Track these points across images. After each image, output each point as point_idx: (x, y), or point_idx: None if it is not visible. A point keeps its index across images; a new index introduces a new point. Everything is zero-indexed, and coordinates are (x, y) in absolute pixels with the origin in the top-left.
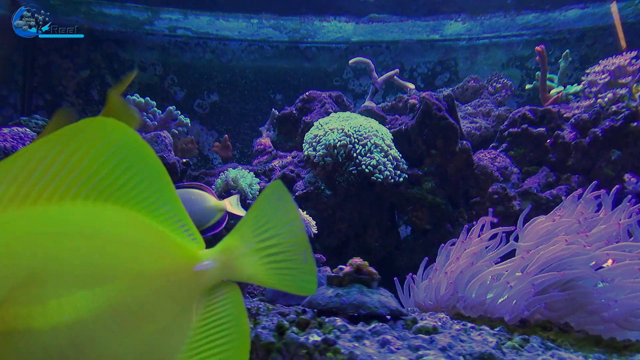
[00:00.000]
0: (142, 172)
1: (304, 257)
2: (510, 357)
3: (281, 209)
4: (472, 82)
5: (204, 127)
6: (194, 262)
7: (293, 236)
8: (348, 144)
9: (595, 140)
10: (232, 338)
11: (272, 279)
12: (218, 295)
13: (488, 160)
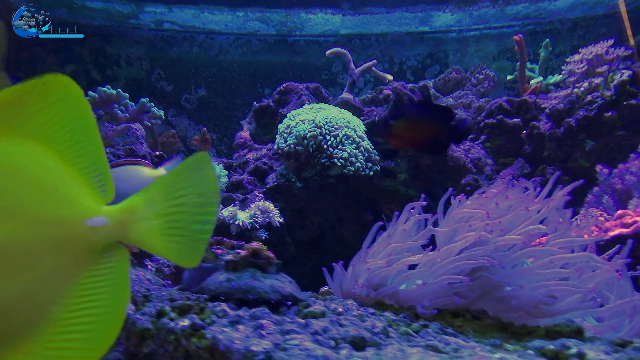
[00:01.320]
0: (69, 118)
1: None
2: (390, 342)
3: (198, 179)
4: (454, 73)
5: (192, 122)
6: (89, 216)
7: (201, 207)
8: (318, 135)
9: (569, 131)
10: (107, 307)
11: (161, 245)
12: (107, 257)
13: (461, 151)
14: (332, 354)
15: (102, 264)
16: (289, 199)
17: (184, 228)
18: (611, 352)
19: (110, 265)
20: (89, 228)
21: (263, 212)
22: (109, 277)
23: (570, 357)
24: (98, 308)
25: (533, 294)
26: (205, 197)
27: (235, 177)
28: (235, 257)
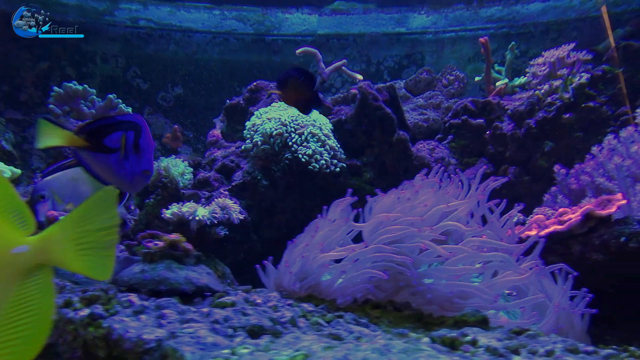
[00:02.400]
0: None
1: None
2: (292, 331)
3: (105, 212)
4: (425, 74)
5: (168, 121)
6: (14, 246)
7: (106, 230)
8: (284, 133)
9: (529, 132)
10: (36, 316)
11: (77, 264)
12: (34, 276)
13: (426, 151)
14: (224, 340)
15: (30, 281)
16: (255, 197)
17: (94, 249)
18: (503, 339)
19: (37, 282)
20: (14, 255)
21: (222, 208)
22: (36, 291)
23: (464, 344)
24: (30, 316)
25: (446, 290)
26: (108, 222)
27: (202, 174)
28: (152, 249)
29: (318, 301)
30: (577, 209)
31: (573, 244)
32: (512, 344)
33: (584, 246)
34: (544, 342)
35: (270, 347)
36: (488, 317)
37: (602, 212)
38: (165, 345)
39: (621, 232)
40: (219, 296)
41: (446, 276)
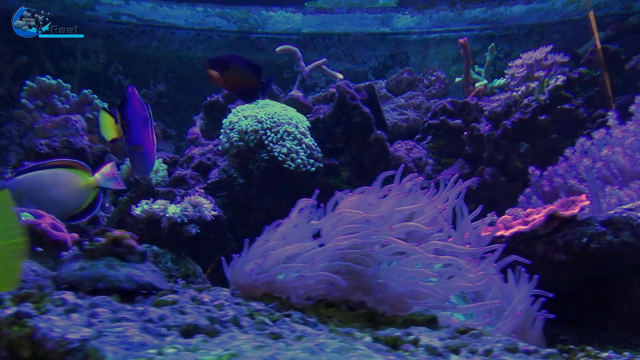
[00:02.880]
0: None
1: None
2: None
3: (4, 221)
4: (406, 74)
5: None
6: None
7: (9, 240)
8: (260, 130)
9: (505, 133)
10: None
11: None
12: None
13: (404, 151)
14: (153, 340)
15: None
16: (230, 195)
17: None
18: (446, 338)
19: None
20: None
21: (194, 206)
22: None
23: (406, 344)
24: None
25: (398, 289)
26: (10, 231)
27: (178, 172)
28: (93, 245)
29: (270, 299)
30: (542, 210)
31: (537, 245)
32: (454, 343)
33: (548, 246)
34: (485, 341)
35: (200, 347)
36: (437, 316)
37: (565, 213)
38: (89, 346)
39: (583, 232)
40: (162, 294)
41: (399, 276)
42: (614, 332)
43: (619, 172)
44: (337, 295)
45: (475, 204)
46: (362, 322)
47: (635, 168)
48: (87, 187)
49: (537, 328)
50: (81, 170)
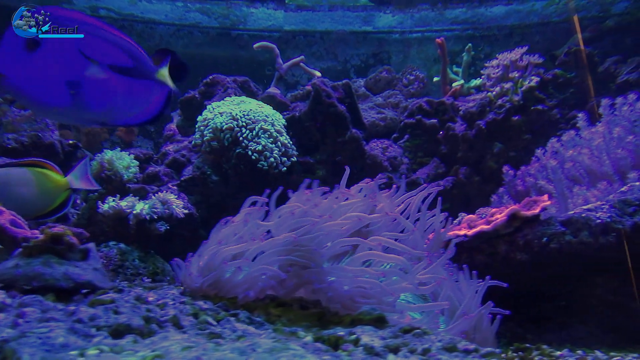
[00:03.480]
0: None
1: None
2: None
3: None
4: (385, 73)
5: None
6: None
7: None
8: (235, 128)
9: (479, 133)
10: None
11: None
12: None
13: (379, 150)
14: (79, 341)
15: None
16: (204, 192)
17: None
18: (388, 338)
19: None
20: None
21: (163, 203)
22: None
23: (346, 343)
24: None
25: (347, 288)
26: None
27: (152, 169)
28: (30, 242)
29: (218, 299)
30: (504, 209)
31: (499, 244)
32: (394, 343)
33: (510, 246)
34: (426, 340)
35: (127, 348)
36: (385, 315)
37: (526, 213)
38: (7, 347)
39: (544, 232)
40: (102, 293)
41: (349, 275)
42: (574, 330)
43: (585, 173)
44: (282, 293)
45: (449, 203)
46: (311, 322)
47: (602, 169)
48: (57, 188)
49: (489, 327)
50: (53, 171)
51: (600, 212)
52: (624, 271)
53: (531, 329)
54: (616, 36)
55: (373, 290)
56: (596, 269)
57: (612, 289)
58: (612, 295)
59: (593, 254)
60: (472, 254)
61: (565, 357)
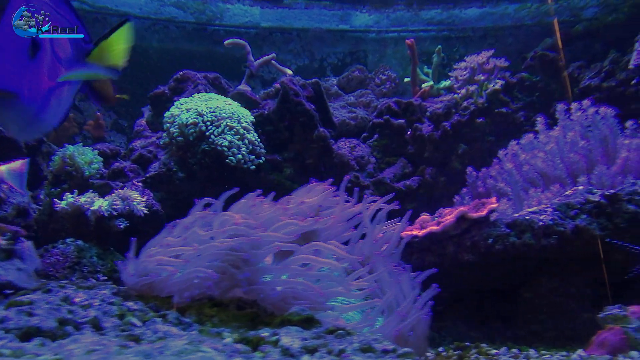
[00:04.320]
0: None
1: None
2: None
3: None
4: (357, 72)
5: (101, 108)
6: None
7: None
8: (200, 124)
9: (445, 134)
10: None
11: None
12: None
13: (347, 149)
14: None
15: None
16: (169, 189)
17: None
18: (310, 339)
19: None
20: None
21: (123, 199)
22: None
23: (266, 344)
24: None
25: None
26: None
27: (117, 165)
28: None
29: (152, 299)
30: (454, 211)
31: (448, 245)
32: (314, 344)
33: (458, 247)
34: (346, 341)
35: (29, 352)
36: (314, 316)
37: (473, 215)
38: None
39: (489, 234)
40: (22, 294)
41: (284, 276)
42: (518, 329)
43: (539, 176)
44: (218, 294)
45: (416, 203)
46: (244, 322)
47: (555, 172)
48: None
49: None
50: None
51: (543, 215)
52: (566, 272)
53: (478, 327)
54: (586, 41)
55: (305, 292)
56: (540, 270)
57: (554, 289)
58: (554, 295)
59: (536, 255)
60: (422, 255)
61: (500, 355)
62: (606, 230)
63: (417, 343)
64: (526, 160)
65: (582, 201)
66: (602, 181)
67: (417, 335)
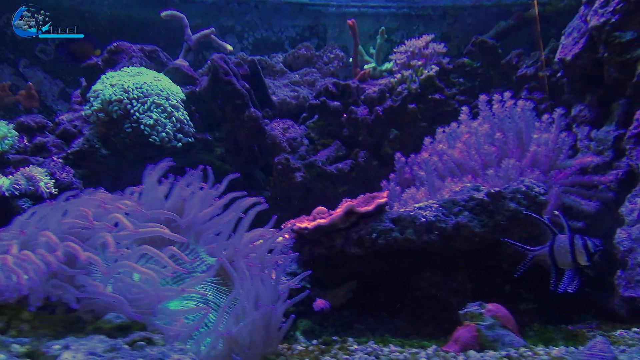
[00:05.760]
0: None
1: None
2: None
3: None
4: (303, 50)
5: (48, 76)
6: None
7: None
8: (125, 100)
9: (377, 118)
10: None
11: None
12: None
13: (279, 130)
14: None
15: None
16: (92, 167)
17: None
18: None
19: None
20: None
21: (28, 179)
22: None
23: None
24: None
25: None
26: None
27: (39, 139)
28: None
29: None
30: (344, 204)
31: (336, 238)
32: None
33: (345, 240)
34: (138, 354)
35: None
36: (129, 324)
37: (360, 209)
38: None
39: (374, 228)
40: None
41: (108, 283)
42: (400, 321)
43: (455, 166)
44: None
45: (348, 186)
46: (61, 328)
47: (470, 163)
48: None
49: (276, 325)
50: None
51: (428, 211)
52: (449, 267)
53: (364, 319)
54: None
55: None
56: (422, 265)
57: (437, 283)
58: (435, 289)
59: (417, 251)
60: (313, 247)
61: (358, 352)
62: (486, 227)
63: (269, 342)
64: (443, 151)
65: (467, 198)
66: (508, 174)
67: (270, 333)
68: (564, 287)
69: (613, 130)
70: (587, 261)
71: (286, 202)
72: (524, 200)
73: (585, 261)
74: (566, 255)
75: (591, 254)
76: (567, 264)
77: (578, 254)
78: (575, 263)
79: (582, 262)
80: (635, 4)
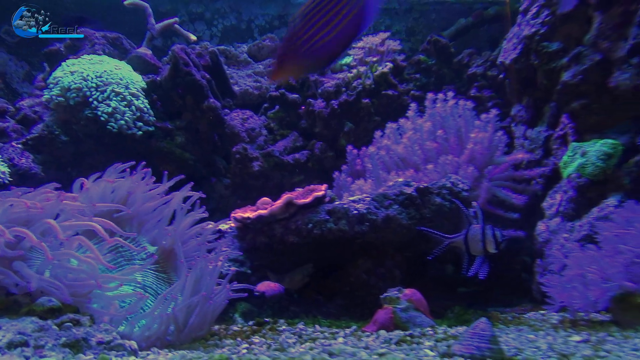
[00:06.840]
0: None
1: None
2: None
3: None
4: (268, 41)
5: (13, 57)
6: None
7: None
8: (83, 88)
9: (333, 112)
10: None
11: None
12: None
13: (239, 120)
14: None
15: None
16: (52, 153)
17: None
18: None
19: None
20: None
21: None
22: None
23: None
24: None
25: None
26: None
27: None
28: None
29: None
30: (284, 196)
31: (276, 227)
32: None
33: (284, 229)
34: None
35: None
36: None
37: (298, 201)
38: None
39: (310, 219)
40: None
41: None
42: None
43: (399, 160)
44: None
45: (304, 175)
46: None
47: (413, 158)
48: None
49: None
50: None
51: (361, 204)
52: (379, 255)
53: (301, 302)
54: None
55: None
56: (356, 253)
57: (368, 269)
58: (366, 275)
59: (350, 240)
60: (255, 235)
61: (285, 332)
62: (413, 220)
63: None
64: (388, 146)
65: (397, 192)
66: (444, 169)
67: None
68: (474, 271)
69: (544, 130)
70: (495, 249)
71: (245, 190)
72: (449, 195)
73: (494, 249)
74: (478, 244)
75: (498, 243)
76: (478, 251)
77: (488, 242)
78: (485, 251)
79: (490, 250)
80: (561, 18)
